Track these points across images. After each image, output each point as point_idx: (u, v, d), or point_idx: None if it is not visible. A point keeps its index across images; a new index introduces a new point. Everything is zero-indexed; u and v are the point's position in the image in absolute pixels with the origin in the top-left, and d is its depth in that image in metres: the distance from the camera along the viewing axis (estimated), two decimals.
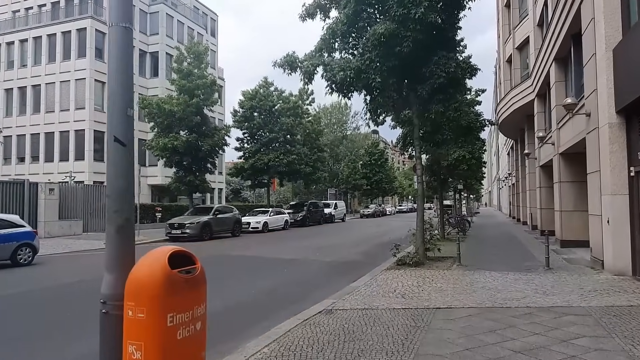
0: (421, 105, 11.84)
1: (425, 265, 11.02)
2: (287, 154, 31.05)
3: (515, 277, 8.97)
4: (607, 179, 8.88)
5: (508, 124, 26.43)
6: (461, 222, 21.28)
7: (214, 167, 25.03)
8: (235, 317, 6.75)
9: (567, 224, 14.24)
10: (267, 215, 26.46)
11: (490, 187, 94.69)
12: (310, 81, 12.09)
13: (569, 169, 14.30)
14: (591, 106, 9.86)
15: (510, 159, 37.59)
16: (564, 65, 14.55)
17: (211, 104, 23.55)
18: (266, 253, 15.05)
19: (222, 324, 6.26)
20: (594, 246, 10.06)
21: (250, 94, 31.83)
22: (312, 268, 11.75)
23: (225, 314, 6.88)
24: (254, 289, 8.89)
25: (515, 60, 23.27)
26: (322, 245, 17.45)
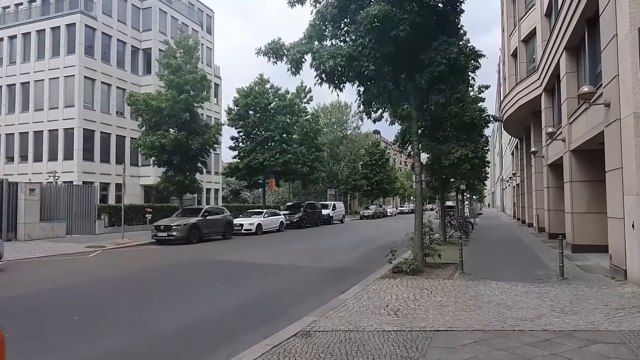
0: (420, 97, 10.74)
1: (423, 273, 9.92)
2: (283, 154, 29.96)
3: (526, 289, 7.85)
4: (631, 177, 7.75)
5: (513, 122, 25.29)
6: (464, 224, 20.15)
7: (204, 166, 23.96)
8: (188, 341, 5.63)
9: (579, 227, 13.09)
10: (261, 217, 25.37)
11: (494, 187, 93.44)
12: (297, 70, 11.01)
13: (581, 167, 13.16)
14: (611, 95, 8.74)
15: (515, 158, 36.40)
16: (575, 54, 13.42)
17: (201, 100, 22.48)
18: (253, 258, 13.97)
19: (167, 352, 5.19)
20: (614, 253, 8.93)
21: (245, 92, 30.75)
22: (299, 276, 10.65)
23: (177, 337, 5.78)
24: (226, 302, 7.79)
25: (520, 53, 22.13)
26: (316, 249, 16.37)
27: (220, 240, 20.60)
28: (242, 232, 23.69)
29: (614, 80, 8.50)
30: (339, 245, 17.89)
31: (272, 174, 30.42)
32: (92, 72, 31.03)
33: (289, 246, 17.86)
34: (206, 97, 23.57)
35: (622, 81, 8.11)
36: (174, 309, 7.29)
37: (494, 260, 12.11)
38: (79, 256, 14.73)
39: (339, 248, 16.87)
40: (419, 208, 10.89)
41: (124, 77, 33.49)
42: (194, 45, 22.85)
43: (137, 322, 6.56)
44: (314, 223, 32.00)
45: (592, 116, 10.73)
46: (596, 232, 12.86)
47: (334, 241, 20.11)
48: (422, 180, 14.53)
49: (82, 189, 23.28)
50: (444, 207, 18.47)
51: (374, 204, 57.76)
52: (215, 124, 24.60)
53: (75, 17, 30.54)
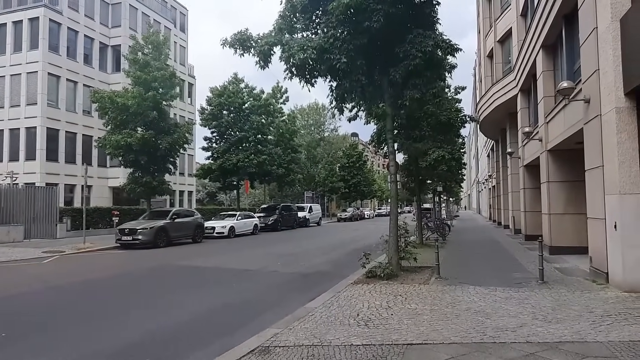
0: (395, 92, 10.25)
1: (399, 277, 9.41)
2: (257, 155, 29.17)
3: (506, 294, 7.39)
4: (613, 175, 7.39)
5: (489, 123, 25.20)
6: (440, 226, 19.83)
7: (174, 167, 22.98)
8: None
9: (557, 228, 12.82)
10: (234, 220, 24.55)
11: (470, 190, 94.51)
12: (266, 64, 10.40)
13: (558, 167, 12.91)
14: (591, 91, 8.40)
15: (491, 160, 36.53)
16: (552, 52, 13.19)
17: (171, 98, 21.52)
18: (222, 262, 13.22)
19: None
20: (594, 255, 8.58)
21: (218, 91, 29.87)
22: (267, 282, 9.99)
23: (113, 358, 5.07)
24: (183, 313, 7.07)
25: (496, 54, 22.01)
26: (289, 253, 15.72)
27: (190, 244, 19.72)
28: (214, 236, 22.86)
29: (594, 75, 8.16)
30: (313, 249, 17.28)
31: (246, 176, 29.60)
32: (56, 68, 29.61)
33: (261, 250, 17.16)
34: (176, 95, 22.60)
35: (603, 75, 7.76)
36: (120, 323, 6.54)
37: (471, 263, 11.70)
38: (32, 262, 13.69)
39: (313, 251, 16.26)
40: (394, 210, 10.38)
41: (92, 75, 32.13)
42: (163, 41, 21.93)
43: (74, 339, 5.79)
44: (289, 226, 31.32)
45: (570, 114, 10.43)
46: (574, 233, 12.63)
47: (308, 244, 19.49)
48: (398, 181, 14.10)
49: (43, 190, 22.02)
50: (421, 209, 18.06)
51: (351, 206, 57.37)
52: (186, 123, 23.61)
53: (39, 10, 29.10)
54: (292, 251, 16.45)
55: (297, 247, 17.98)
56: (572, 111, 10.26)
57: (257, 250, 16.95)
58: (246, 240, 22.22)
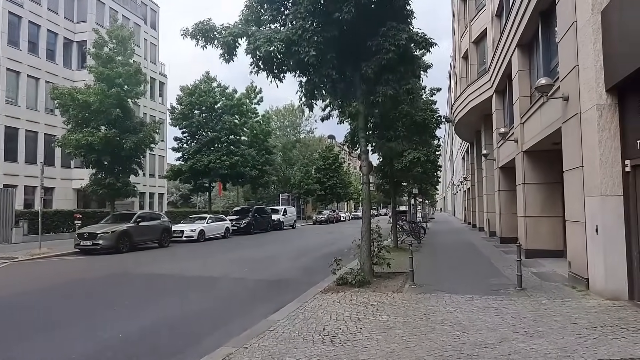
0: (367, 89, 9.73)
1: (371, 284, 8.87)
2: (229, 156, 28.27)
3: (483, 303, 6.91)
4: (594, 176, 7.01)
5: (464, 125, 25.06)
6: (416, 229, 19.46)
7: (140, 167, 21.94)
8: None
9: (533, 231, 12.53)
10: (205, 223, 23.63)
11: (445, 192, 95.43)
12: (231, 57, 9.73)
13: (534, 168, 12.63)
14: (569, 88, 8.04)
15: (466, 163, 36.59)
16: (528, 51, 12.93)
17: (136, 95, 20.50)
18: (186, 269, 12.41)
19: None
20: (573, 260, 8.21)
21: (189, 90, 28.88)
22: (230, 290, 9.28)
23: None
24: (127, 329, 6.29)
25: (471, 55, 21.85)
26: (259, 258, 15.01)
27: (156, 248, 18.76)
28: (183, 240, 21.91)
29: (573, 72, 7.80)
30: (284, 253, 16.61)
31: (218, 177, 28.66)
32: (16, 64, 28.04)
33: (230, 254, 16.38)
34: (142, 92, 21.54)
35: (582, 71, 7.39)
36: (51, 344, 5.74)
37: (447, 268, 11.25)
38: None
39: (284, 256, 15.60)
40: (367, 212, 9.84)
41: (55, 71, 30.62)
42: (129, 35, 20.91)
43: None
44: (263, 229, 30.53)
45: (547, 113, 10.11)
46: (550, 236, 12.37)
47: (280, 248, 18.81)
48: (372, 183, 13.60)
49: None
50: (396, 212, 17.63)
51: (327, 208, 56.85)
52: (152, 122, 22.58)
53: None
54: (262, 256, 15.75)
55: (268, 252, 17.29)
56: (549, 110, 9.94)
57: (226, 255, 16.18)
58: (216, 244, 21.36)
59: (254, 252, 17.00)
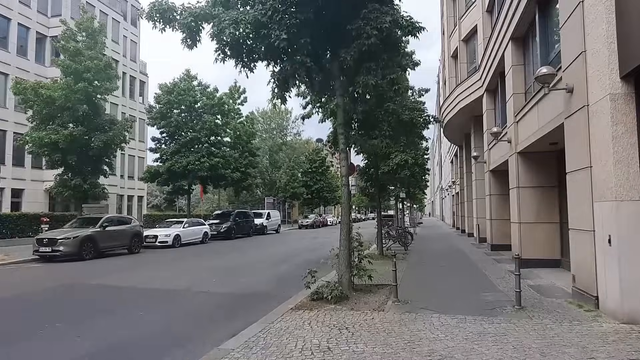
0: (347, 79, 8.67)
1: (349, 300, 7.80)
2: (210, 157, 27.01)
3: (478, 326, 5.86)
4: (607, 178, 6.02)
5: (453, 127, 24.19)
6: (402, 235, 18.45)
7: (110, 168, 20.59)
8: None
9: (528, 239, 11.56)
10: (181, 227, 22.35)
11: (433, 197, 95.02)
12: (194, 42, 8.62)
13: (530, 171, 11.68)
14: (574, 78, 7.07)
15: (454, 166, 35.80)
16: (522, 44, 12.02)
17: (106, 91, 19.19)
18: (146, 280, 11.19)
19: None
20: (578, 274, 7.21)
21: (167, 88, 27.59)
22: (188, 307, 8.11)
23: None
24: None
25: (461, 54, 20.99)
26: (233, 266, 13.85)
27: (125, 255, 17.47)
28: (157, 245, 20.63)
29: (579, 59, 6.83)
30: (262, 260, 15.46)
31: (197, 180, 27.39)
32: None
33: (203, 262, 15.19)
34: (113, 88, 20.21)
35: (591, 57, 6.42)
36: None
37: (435, 279, 10.20)
38: None
39: (261, 264, 14.45)
40: (346, 217, 8.76)
41: (26, 67, 29.10)
42: (100, 28, 19.63)
43: None
44: (245, 233, 29.32)
45: (546, 109, 9.17)
46: (546, 244, 11.43)
47: (259, 255, 17.65)
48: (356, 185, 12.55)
49: None
50: (381, 216, 16.57)
51: (314, 212, 55.70)
52: (124, 119, 21.23)
53: None
54: (237, 263, 14.59)
55: (245, 259, 16.13)
56: (548, 106, 9.00)
57: (198, 263, 14.98)
58: (192, 250, 20.11)
59: (229, 259, 15.84)
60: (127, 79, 36.84)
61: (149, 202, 65.75)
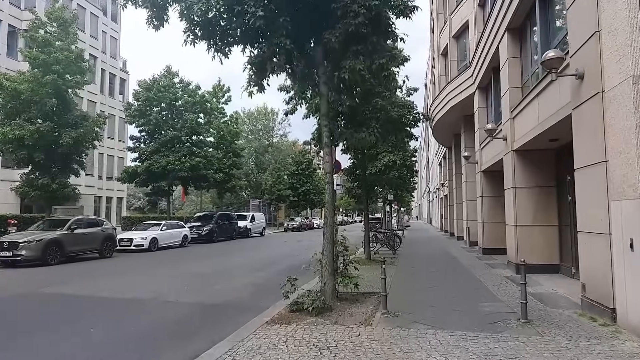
0: (332, 64, 7.80)
1: (333, 312, 6.93)
2: (191, 157, 25.90)
3: (481, 345, 5.01)
4: (627, 172, 5.25)
5: (442, 127, 23.51)
6: (391, 238, 17.65)
7: (81, 167, 19.38)
8: None
9: (525, 242, 10.81)
10: (159, 230, 21.23)
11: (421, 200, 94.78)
12: (161, 22, 7.71)
13: (527, 170, 10.94)
14: (585, 62, 6.31)
15: (443, 168, 35.21)
16: (519, 35, 11.30)
17: (76, 85, 18.01)
18: (111, 288, 10.14)
19: None
20: (590, 283, 6.43)
21: (147, 84, 26.44)
22: (149, 320, 7.13)
23: None
24: None
25: (451, 51, 20.32)
26: (209, 272, 12.86)
27: (96, 259, 16.34)
28: (132, 249, 19.50)
29: (592, 41, 6.07)
30: (242, 265, 14.50)
31: (177, 180, 26.25)
32: None
33: (178, 267, 14.16)
34: (85, 81, 18.95)
35: (608, 36, 5.65)
36: None
37: (427, 287, 9.35)
38: None
39: (239, 269, 13.49)
40: (329, 219, 7.89)
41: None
42: (72, 19, 18.48)
43: None
44: (228, 236, 28.23)
45: (548, 101, 8.42)
46: (544, 248, 10.69)
47: (240, 259, 16.66)
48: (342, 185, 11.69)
49: None
50: (369, 219, 15.72)
51: (300, 215, 54.69)
52: (97, 115, 20.02)
53: None
54: (215, 268, 13.59)
55: (224, 263, 15.14)
56: (551, 98, 8.25)
57: (173, 268, 13.94)
58: (169, 254, 19.02)
59: (207, 264, 14.83)
60: (106, 76, 35.55)
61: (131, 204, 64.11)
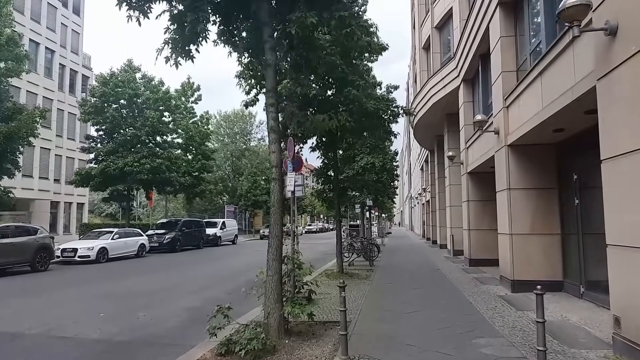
0: (280, 21, 5.91)
1: (276, 355, 5.02)
2: (152, 158, 23.65)
3: None
4: None
5: (424, 127, 21.86)
6: (368, 248, 15.82)
7: (15, 167, 17.01)
8: None
9: (521, 255, 9.04)
10: (109, 239, 18.96)
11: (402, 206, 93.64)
12: None
13: (525, 168, 9.20)
14: (620, 9, 4.56)
15: (425, 173, 33.63)
16: (514, 12, 9.62)
17: (7, 73, 15.71)
18: (3, 315, 8.00)
19: None
20: (627, 315, 4.61)
21: (103, 79, 24.17)
22: None
23: None
24: None
25: (434, 43, 18.70)
26: (148, 290, 10.77)
27: (25, 274, 14.07)
28: (76, 260, 17.22)
29: None
30: (191, 281, 12.44)
31: (136, 184, 23.97)
32: None
33: (115, 285, 11.99)
34: (20, 69, 16.57)
35: None
36: None
37: (405, 312, 7.46)
38: None
39: (188, 285, 11.43)
40: (276, 229, 5.98)
41: None
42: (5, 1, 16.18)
43: None
44: (194, 245, 26.02)
45: (555, 81, 6.69)
46: (544, 262, 8.97)
47: (195, 273, 14.57)
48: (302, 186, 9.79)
49: None
50: (340, 226, 13.79)
51: None
52: (35, 107, 17.63)
53: None
54: (156, 286, 11.48)
55: (173, 279, 13.05)
56: (562, 72, 6.51)
57: (107, 286, 11.76)
58: (119, 266, 16.79)
59: (151, 280, 12.73)
60: (66, 72, 33.05)
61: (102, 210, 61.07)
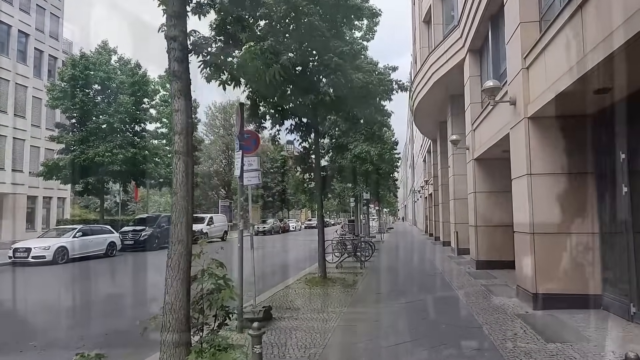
0: None
1: None
2: (125, 147, 21.55)
3: None
4: None
5: (426, 111, 19.62)
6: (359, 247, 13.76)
7: None
8: None
9: (546, 260, 6.89)
10: (70, 237, 16.95)
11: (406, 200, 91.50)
12: None
13: (552, 148, 7.02)
14: None
15: (427, 164, 31.43)
16: None
17: None
18: None
19: None
20: None
21: (72, 61, 22.07)
22: None
23: None
24: None
25: (435, 13, 16.47)
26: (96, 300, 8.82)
27: None
28: (30, 262, 15.25)
29: None
30: (144, 289, 10.46)
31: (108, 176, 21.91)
32: None
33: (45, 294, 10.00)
34: None
35: None
36: None
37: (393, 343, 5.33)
38: None
39: (130, 297, 9.42)
40: (179, 230, 3.88)
41: None
42: None
43: None
44: None
45: (599, 19, 4.52)
46: (575, 271, 6.79)
47: (153, 279, 12.44)
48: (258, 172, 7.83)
49: None
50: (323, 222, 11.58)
51: (275, 217, 50.61)
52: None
53: None
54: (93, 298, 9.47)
55: (128, 285, 11.11)
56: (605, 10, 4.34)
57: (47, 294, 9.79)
58: (77, 268, 14.84)
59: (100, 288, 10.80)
60: (44, 58, 31.02)
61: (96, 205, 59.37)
